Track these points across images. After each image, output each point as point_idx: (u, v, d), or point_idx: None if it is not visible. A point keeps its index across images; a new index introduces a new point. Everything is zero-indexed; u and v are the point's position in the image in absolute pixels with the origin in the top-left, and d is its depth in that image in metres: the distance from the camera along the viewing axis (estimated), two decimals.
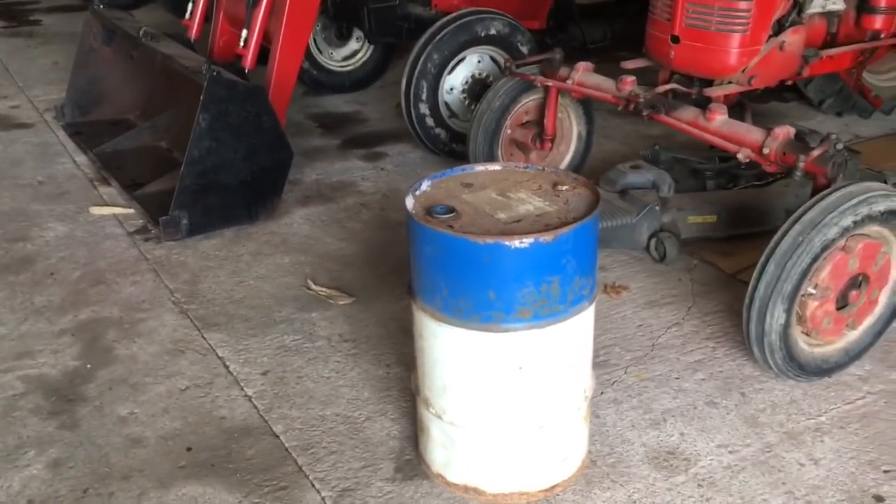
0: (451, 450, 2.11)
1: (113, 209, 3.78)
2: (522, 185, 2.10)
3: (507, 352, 1.94)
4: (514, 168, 2.22)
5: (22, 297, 3.08)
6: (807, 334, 2.47)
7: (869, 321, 2.55)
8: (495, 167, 2.22)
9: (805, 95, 4.67)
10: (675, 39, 3.09)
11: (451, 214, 1.94)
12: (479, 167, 2.21)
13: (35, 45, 6.69)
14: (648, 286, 3.11)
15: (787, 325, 2.34)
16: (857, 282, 2.46)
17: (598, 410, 2.44)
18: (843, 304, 2.47)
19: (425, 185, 2.09)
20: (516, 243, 1.81)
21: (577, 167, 3.86)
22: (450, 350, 1.99)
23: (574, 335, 1.99)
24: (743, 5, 2.94)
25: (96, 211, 3.77)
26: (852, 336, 2.54)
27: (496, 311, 1.89)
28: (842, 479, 2.17)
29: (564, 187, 2.08)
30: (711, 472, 2.21)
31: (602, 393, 2.52)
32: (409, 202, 2.00)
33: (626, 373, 2.62)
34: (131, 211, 3.71)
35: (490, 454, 2.07)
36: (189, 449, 2.33)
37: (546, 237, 1.83)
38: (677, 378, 2.59)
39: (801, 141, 2.55)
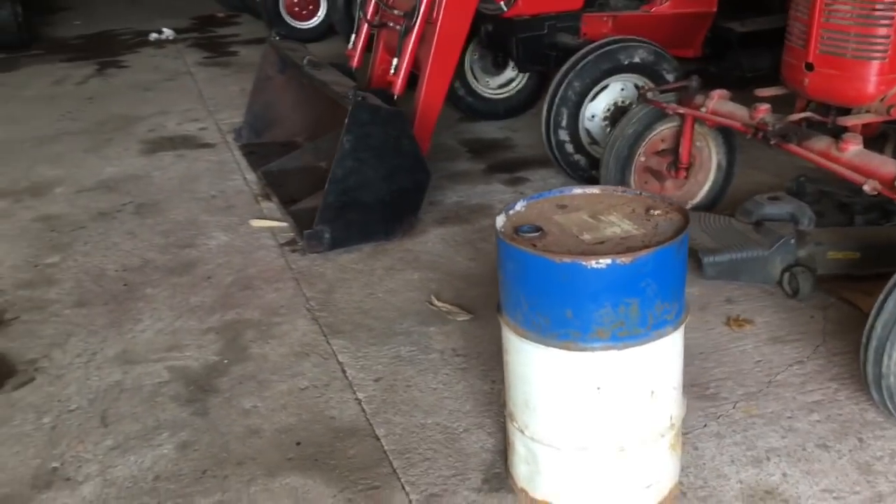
0: (533, 465, 2.14)
1: (270, 223, 4.11)
2: (615, 209, 2.12)
3: (585, 371, 1.96)
4: (612, 192, 2.24)
5: (180, 297, 3.43)
6: None
7: None
8: (594, 190, 2.25)
9: None
10: (810, 67, 2.97)
11: (537, 234, 1.99)
12: (578, 190, 2.25)
13: (229, 73, 7.37)
14: (776, 322, 2.99)
15: None
16: None
17: (697, 443, 2.39)
18: None
19: (519, 206, 2.15)
20: (593, 263, 1.84)
21: (716, 198, 3.77)
22: (530, 365, 2.04)
23: (655, 359, 1.97)
24: (882, 31, 2.78)
25: (255, 224, 4.12)
26: None
27: (573, 330, 1.92)
28: None
29: (657, 212, 2.07)
30: None
31: (705, 426, 2.46)
32: (500, 221, 2.07)
33: (734, 408, 2.54)
34: (285, 224, 4.02)
35: (571, 473, 2.09)
36: (298, 443, 2.51)
37: (624, 259, 1.84)
38: (790, 417, 2.48)
39: None
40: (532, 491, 2.18)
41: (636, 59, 4.07)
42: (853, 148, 2.65)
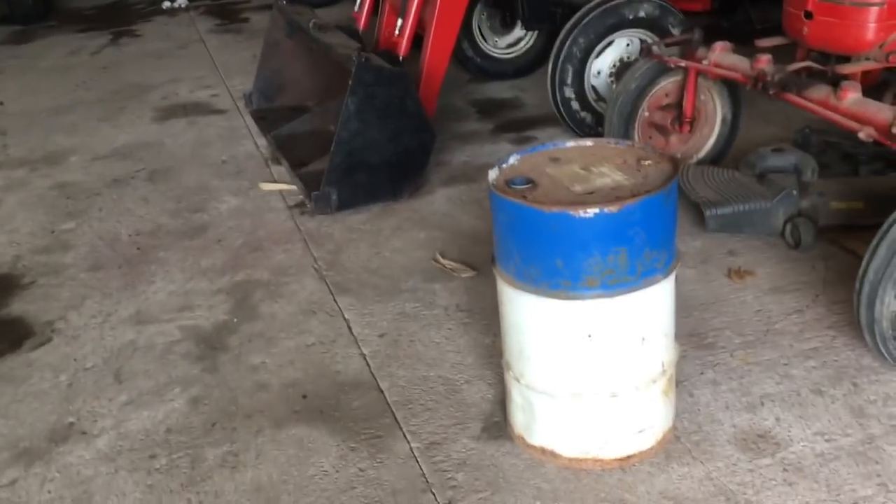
0: (528, 412, 2.20)
1: (279, 186, 4.17)
2: (607, 160, 2.15)
3: (576, 319, 2.00)
4: (604, 144, 2.26)
5: (192, 260, 3.50)
6: None
7: None
8: (587, 143, 2.27)
9: None
10: (809, 15, 2.95)
11: (528, 186, 2.03)
12: (571, 143, 2.27)
13: (241, 40, 7.39)
14: (777, 272, 3.00)
15: None
16: None
17: (693, 390, 2.43)
18: None
19: (513, 160, 2.19)
20: (581, 213, 1.88)
21: (721, 151, 3.76)
22: (524, 315, 2.08)
23: (645, 307, 2.01)
24: None
25: (265, 187, 4.18)
26: None
27: (564, 279, 1.96)
28: None
29: (648, 162, 2.10)
30: (801, 458, 2.15)
31: (702, 374, 2.50)
32: (493, 174, 2.11)
33: (731, 356, 2.57)
34: (294, 188, 4.08)
35: (565, 419, 2.15)
36: (304, 396, 2.58)
37: (611, 208, 1.88)
38: (786, 364, 2.51)
39: None
40: (529, 438, 2.24)
41: (641, 14, 4.05)
42: (851, 96, 2.64)
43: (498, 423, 2.38)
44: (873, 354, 2.45)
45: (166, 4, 9.06)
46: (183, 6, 9.01)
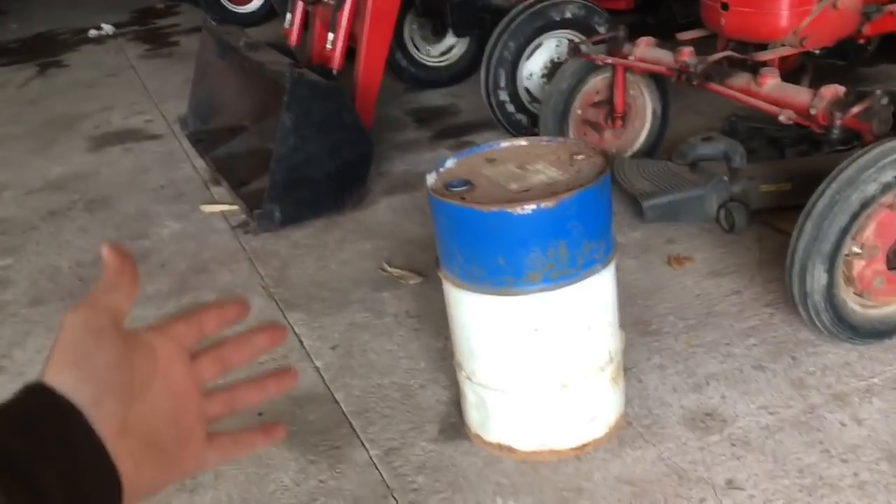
0: (483, 410, 2.24)
1: (221, 207, 4.14)
2: (541, 158, 2.20)
3: (522, 314, 2.05)
4: (538, 142, 2.31)
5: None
6: (859, 295, 2.41)
7: None
8: (521, 142, 2.32)
9: None
10: (725, 7, 3.05)
11: (465, 187, 2.07)
12: (506, 143, 2.32)
13: (172, 64, 7.30)
14: (714, 257, 3.10)
15: (830, 286, 2.31)
16: None
17: (641, 376, 2.50)
18: None
19: (449, 163, 2.22)
20: (518, 210, 1.92)
21: (654, 143, 3.86)
22: (471, 314, 2.12)
23: (588, 297, 2.07)
24: None
25: (207, 209, 4.15)
26: None
27: (507, 276, 2.00)
28: (884, 439, 2.13)
29: (580, 157, 2.16)
30: (747, 432, 2.22)
31: (648, 359, 2.57)
32: (431, 178, 2.14)
33: (676, 340, 2.65)
34: (236, 207, 4.06)
35: (518, 413, 2.19)
36: (260, 414, 2.53)
37: (548, 203, 1.93)
38: (727, 344, 2.59)
39: (850, 100, 2.49)
40: (485, 435, 2.27)
41: (567, 15, 4.13)
42: (770, 81, 2.75)
43: (454, 424, 2.41)
44: (809, 328, 2.54)
45: (93, 33, 8.90)
46: (110, 34, 8.87)
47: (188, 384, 0.71)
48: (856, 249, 2.32)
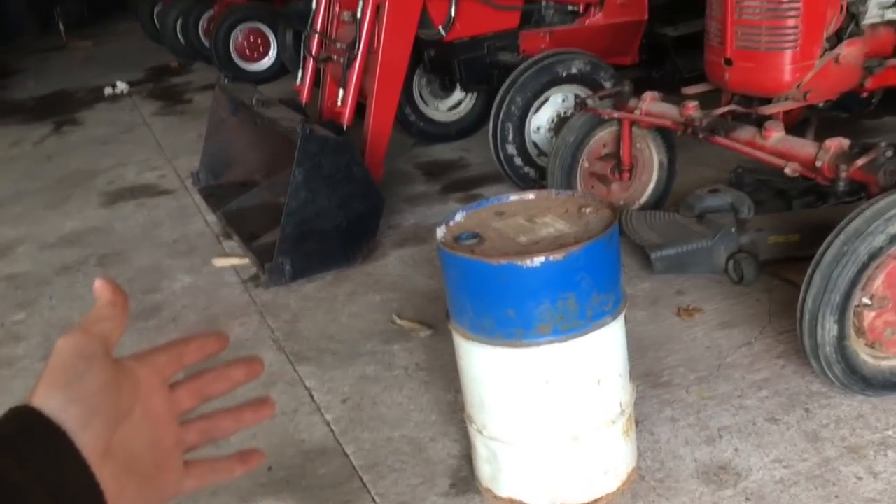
0: (494, 464, 2.22)
1: (232, 260, 4.18)
2: (550, 210, 2.23)
3: (532, 366, 2.05)
4: (546, 195, 2.34)
5: (147, 341, 3.48)
6: (871, 346, 2.40)
7: None
8: (530, 196, 2.35)
9: None
10: (729, 62, 3.11)
11: (475, 240, 2.09)
12: (514, 196, 2.35)
13: (185, 120, 7.44)
14: (724, 308, 3.10)
15: (841, 338, 2.30)
16: None
17: (653, 428, 2.48)
18: None
19: (459, 216, 2.25)
20: (528, 263, 1.94)
21: (662, 195, 3.89)
22: (481, 367, 2.12)
23: (598, 349, 2.07)
24: (790, 22, 2.93)
25: (218, 262, 4.18)
26: None
27: (517, 328, 2.01)
28: None
29: (588, 209, 2.18)
30: (762, 486, 2.20)
31: (660, 412, 2.55)
32: (441, 231, 2.17)
33: (687, 392, 2.63)
34: (247, 261, 4.09)
35: (530, 467, 2.17)
36: (270, 468, 2.57)
37: (557, 256, 1.94)
38: (740, 396, 2.58)
39: (855, 153, 2.51)
40: (496, 489, 2.25)
41: (573, 71, 4.21)
42: (775, 135, 2.78)
43: (465, 478, 2.39)
44: (821, 379, 2.53)
45: (108, 91, 9.09)
46: (125, 92, 9.06)
47: (166, 412, 0.73)
48: (866, 301, 2.32)
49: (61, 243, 4.76)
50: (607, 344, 2.09)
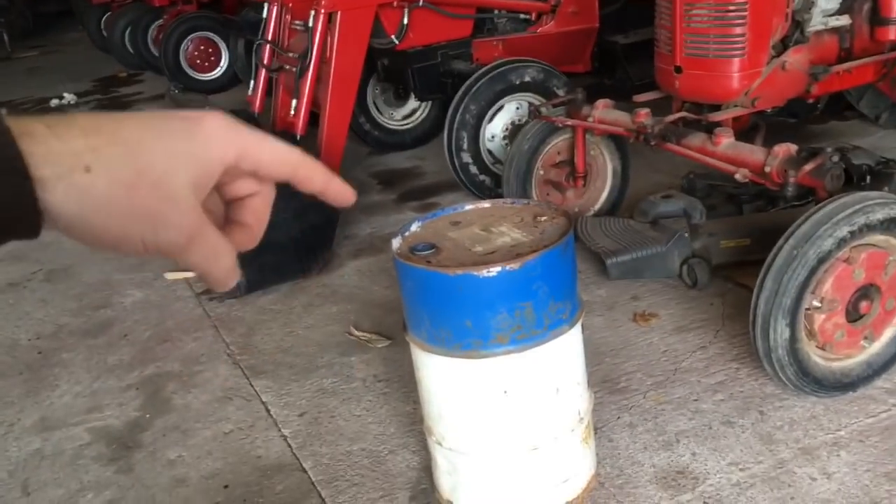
0: (454, 475, 2.21)
1: (185, 274, 4.10)
2: (506, 219, 2.22)
3: (490, 376, 2.04)
4: (502, 204, 2.34)
5: (97, 358, 3.40)
6: (822, 348, 2.44)
7: (890, 332, 2.49)
8: (485, 205, 2.35)
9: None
10: (678, 70, 3.15)
11: (431, 251, 2.08)
12: (470, 206, 2.34)
13: None
14: (679, 312, 3.13)
15: (793, 340, 2.34)
16: (869, 293, 2.42)
17: (612, 435, 2.49)
18: (856, 316, 2.44)
19: (414, 227, 2.23)
20: (484, 273, 1.93)
21: (616, 202, 3.92)
22: (439, 378, 2.11)
23: (556, 358, 2.07)
24: (737, 30, 2.98)
25: (170, 276, 4.10)
26: (874, 348, 2.49)
27: (475, 339, 2.00)
28: (854, 492, 2.14)
29: (544, 218, 2.18)
30: (719, 489, 2.21)
31: (618, 418, 2.56)
32: (396, 242, 2.15)
33: (644, 398, 2.65)
34: None
35: (490, 477, 2.16)
36: (226, 486, 2.52)
37: (513, 265, 1.94)
38: (696, 400, 2.60)
39: (803, 157, 2.56)
40: (457, 501, 2.24)
41: (527, 79, 4.23)
42: (725, 141, 2.82)
43: (425, 490, 2.37)
44: (774, 382, 2.57)
45: (55, 102, 8.91)
46: (73, 102, 8.88)
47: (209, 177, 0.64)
48: (816, 304, 2.36)
49: (6, 258, 4.63)
50: (565, 352, 2.09)
